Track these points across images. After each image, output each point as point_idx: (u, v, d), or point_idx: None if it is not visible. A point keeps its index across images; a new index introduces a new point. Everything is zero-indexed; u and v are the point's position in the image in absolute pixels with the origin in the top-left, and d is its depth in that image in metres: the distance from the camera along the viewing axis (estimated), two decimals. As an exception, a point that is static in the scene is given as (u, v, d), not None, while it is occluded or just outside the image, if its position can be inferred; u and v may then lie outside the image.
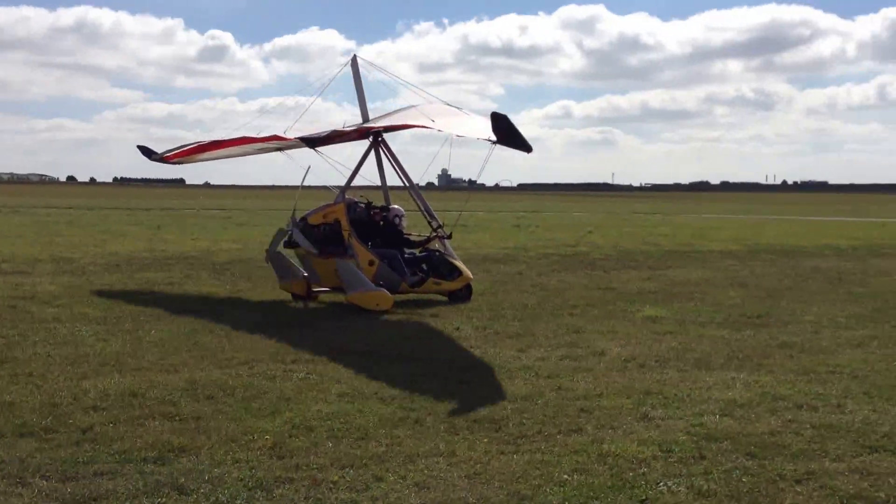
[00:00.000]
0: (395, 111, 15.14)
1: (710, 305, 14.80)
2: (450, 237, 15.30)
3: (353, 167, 15.60)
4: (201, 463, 6.50)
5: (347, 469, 6.40)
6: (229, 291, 16.17)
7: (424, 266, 14.79)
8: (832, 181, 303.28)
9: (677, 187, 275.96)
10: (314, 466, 6.44)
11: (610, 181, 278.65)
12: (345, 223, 14.31)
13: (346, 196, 15.10)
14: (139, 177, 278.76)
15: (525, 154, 11.10)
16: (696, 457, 6.73)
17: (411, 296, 14.85)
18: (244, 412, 7.85)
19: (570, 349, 10.91)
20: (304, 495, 5.91)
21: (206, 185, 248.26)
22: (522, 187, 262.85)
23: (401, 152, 16.26)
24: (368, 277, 13.92)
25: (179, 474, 6.23)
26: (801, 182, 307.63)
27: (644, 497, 5.92)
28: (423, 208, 15.64)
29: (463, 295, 14.97)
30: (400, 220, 15.06)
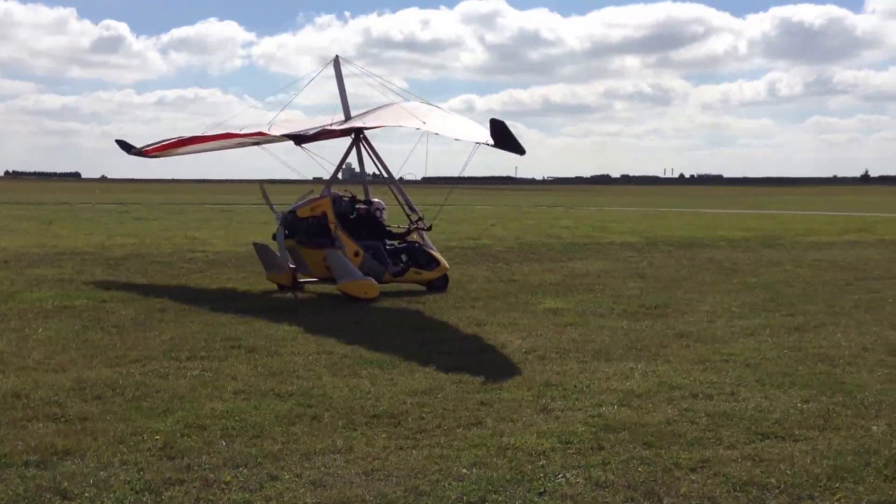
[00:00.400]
0: (376, 108, 15.71)
1: (610, 297, 15.01)
2: (429, 229, 15.85)
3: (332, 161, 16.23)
4: (87, 466, 6.20)
5: (241, 468, 6.20)
6: (123, 287, 15.63)
7: (404, 257, 15.35)
8: (727, 174, 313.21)
9: (579, 181, 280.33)
10: (206, 467, 6.22)
11: (513, 175, 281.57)
12: (331, 216, 14.72)
13: (332, 190, 15.55)
14: (32, 170, 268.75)
15: (434, 147, 11.29)
16: (595, 448, 6.76)
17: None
18: (134, 412, 7.55)
19: (472, 342, 10.87)
20: (195, 497, 5.69)
21: (103, 178, 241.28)
22: (426, 181, 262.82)
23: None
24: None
25: (63, 478, 5.93)
26: (698, 175, 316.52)
27: (543, 489, 5.90)
28: (403, 202, 16.17)
29: (440, 285, 15.42)
30: (381, 212, 15.58)
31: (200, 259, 20.78)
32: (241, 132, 15.75)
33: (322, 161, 15.93)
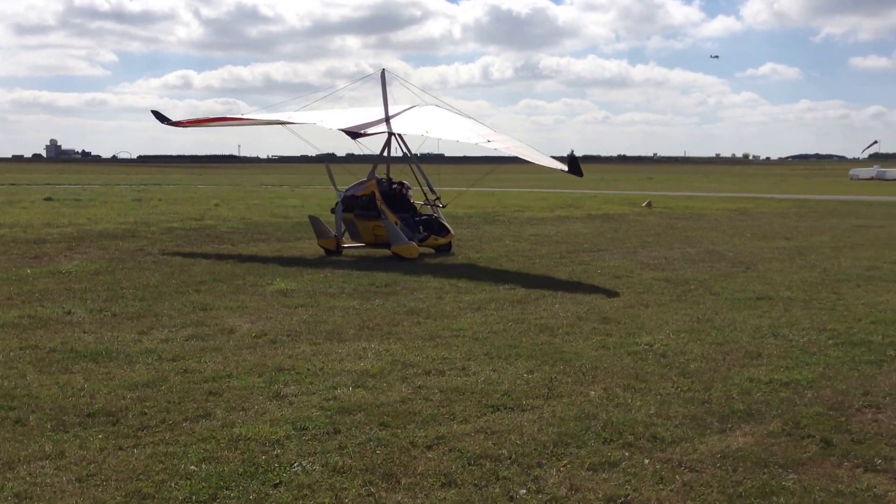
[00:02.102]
0: (406, 109, 19.84)
1: (341, 276, 14.88)
2: (445, 206, 19.54)
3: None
4: None
5: (-73, 487, 5.40)
6: None
7: (421, 228, 18.66)
8: (448, 154, 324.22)
9: (304, 159, 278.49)
10: None
11: (236, 153, 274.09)
12: (378, 195, 18.21)
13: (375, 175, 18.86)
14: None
15: (150, 124, 11.12)
16: (331, 432, 6.58)
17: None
18: None
19: (196, 328, 10.32)
20: None
21: None
22: (143, 159, 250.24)
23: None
24: None
25: None
26: (420, 154, 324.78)
27: (278, 481, 5.63)
28: (426, 183, 19.37)
29: (447, 249, 18.76)
30: (409, 191, 19.27)
31: None
32: (291, 121, 19.65)
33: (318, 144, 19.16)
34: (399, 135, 19.27)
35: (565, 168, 16.23)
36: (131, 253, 17.92)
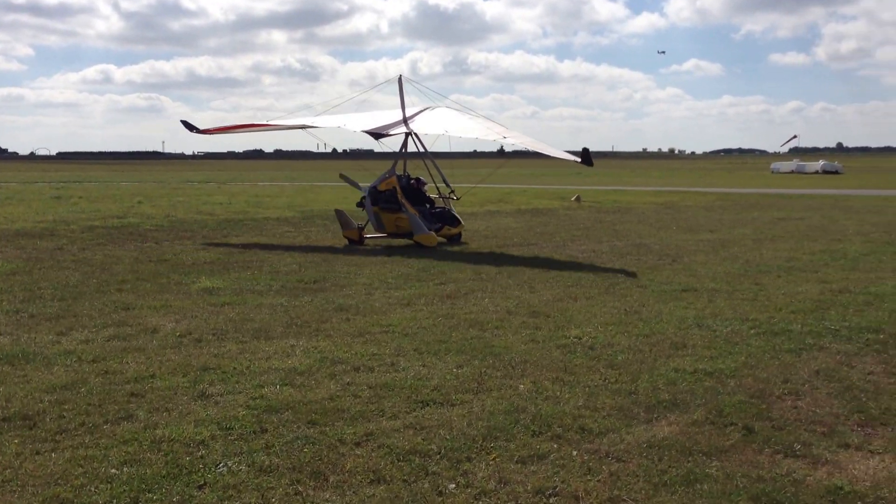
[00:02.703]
0: (421, 110, 21.41)
1: (268, 273, 14.70)
2: (458, 199, 21.04)
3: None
4: None
5: None
6: None
7: (435, 220, 20.15)
8: (377, 150, 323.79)
9: (232, 155, 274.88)
10: None
11: (161, 150, 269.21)
12: (399, 189, 19.82)
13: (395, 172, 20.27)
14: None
15: (62, 121, 10.60)
16: (257, 431, 6.47)
17: None
18: None
19: (118, 328, 10.07)
20: None
21: None
22: (62, 156, 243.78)
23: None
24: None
25: None
26: (350, 150, 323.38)
27: (202, 482, 5.51)
28: (441, 178, 20.87)
29: (457, 238, 20.12)
30: (425, 186, 20.72)
31: None
32: (314, 125, 21.46)
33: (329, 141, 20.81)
34: (415, 134, 20.59)
35: (578, 160, 17.87)
36: (50, 252, 17.43)
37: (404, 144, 20.86)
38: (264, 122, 22.92)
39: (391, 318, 10.74)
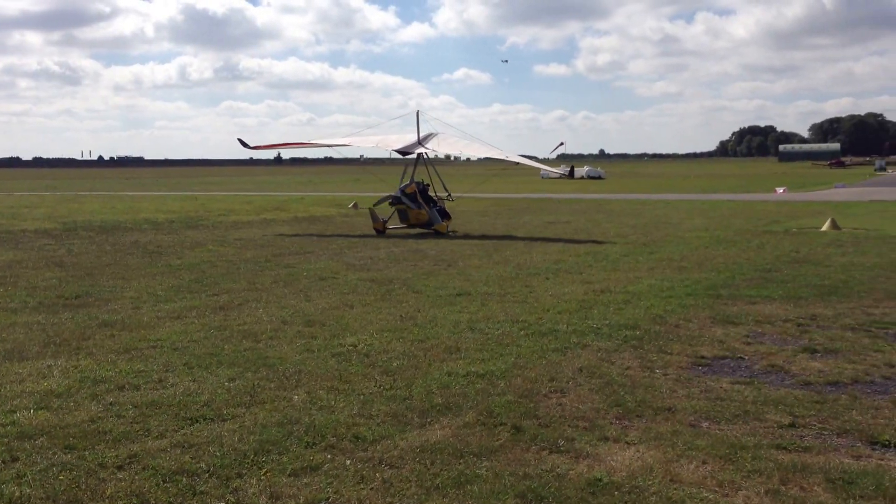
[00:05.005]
0: (431, 134, 27.65)
1: (24, 289, 13.70)
2: (453, 199, 26.99)
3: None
4: None
5: None
6: None
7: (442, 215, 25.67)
8: (147, 156, 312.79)
9: (75, 163, 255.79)
10: None
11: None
12: (417, 192, 25.55)
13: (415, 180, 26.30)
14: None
15: None
16: (8, 460, 5.99)
17: None
18: None
19: None
20: None
21: None
22: None
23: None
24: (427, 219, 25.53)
25: None
26: (118, 157, 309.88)
27: (-59, 521, 5.02)
28: (441, 184, 26.97)
29: (444, 232, 24.89)
30: (430, 188, 26.31)
31: None
32: (350, 143, 28.14)
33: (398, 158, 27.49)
34: (425, 152, 26.87)
35: (566, 173, 27.37)
36: None
37: (417, 159, 27.01)
38: (312, 141, 29.36)
39: (160, 333, 10.29)
